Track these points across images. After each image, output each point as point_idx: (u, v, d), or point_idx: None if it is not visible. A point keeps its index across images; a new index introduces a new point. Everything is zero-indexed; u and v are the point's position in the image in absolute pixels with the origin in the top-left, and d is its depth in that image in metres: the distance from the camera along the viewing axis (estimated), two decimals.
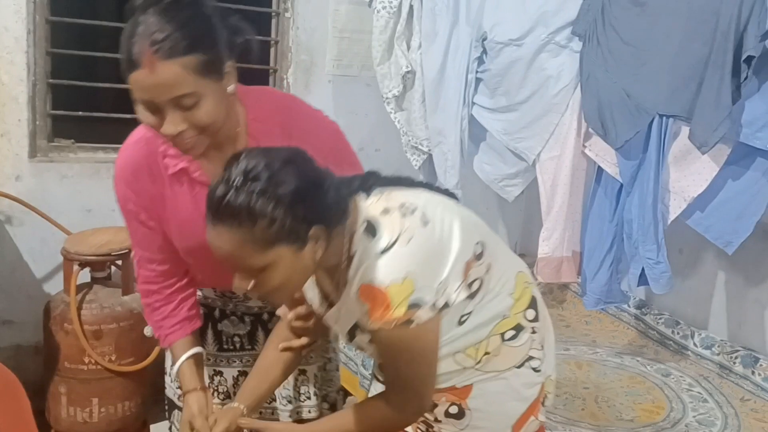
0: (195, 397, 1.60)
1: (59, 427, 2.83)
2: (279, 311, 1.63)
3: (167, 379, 1.88)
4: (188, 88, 1.30)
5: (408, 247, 1.28)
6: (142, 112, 1.35)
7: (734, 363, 2.79)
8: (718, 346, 2.87)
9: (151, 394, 2.91)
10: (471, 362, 1.47)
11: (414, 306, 1.27)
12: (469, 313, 1.41)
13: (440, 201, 1.43)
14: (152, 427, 2.70)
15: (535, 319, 1.53)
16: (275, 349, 1.61)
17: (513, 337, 1.48)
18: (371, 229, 1.31)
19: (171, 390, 1.87)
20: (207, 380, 1.79)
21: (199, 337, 1.73)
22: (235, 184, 1.22)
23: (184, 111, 1.32)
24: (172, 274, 1.67)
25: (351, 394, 2.57)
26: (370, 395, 1.62)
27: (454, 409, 1.50)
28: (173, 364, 1.67)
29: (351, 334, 1.45)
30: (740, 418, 2.48)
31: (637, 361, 2.91)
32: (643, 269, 2.59)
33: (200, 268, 1.69)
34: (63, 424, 2.80)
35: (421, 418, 1.54)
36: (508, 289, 1.47)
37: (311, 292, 1.53)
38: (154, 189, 1.55)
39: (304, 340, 1.60)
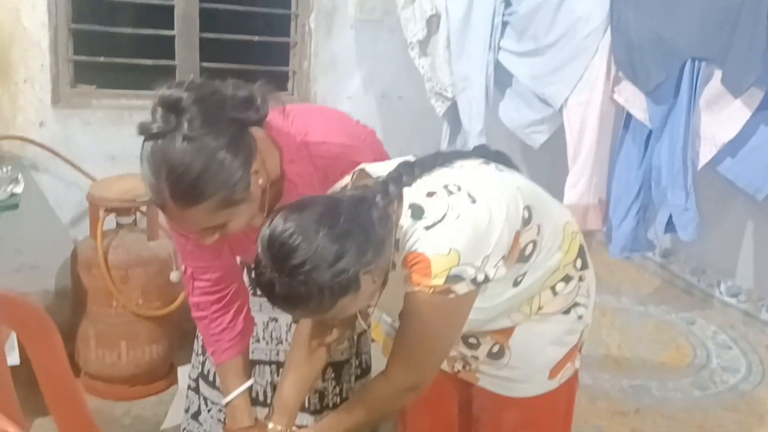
0: None
1: (88, 369, 2.88)
2: None
3: None
4: (216, 221, 1.32)
5: (456, 222, 1.28)
6: None
7: (760, 311, 2.77)
8: (745, 295, 2.86)
9: (177, 338, 2.95)
10: (524, 318, 1.48)
11: (454, 279, 1.27)
12: (524, 273, 1.41)
13: (480, 174, 1.41)
14: (179, 369, 2.73)
15: (583, 267, 1.53)
16: (303, 348, 1.58)
17: (562, 288, 1.49)
18: (417, 212, 1.30)
19: None
20: (261, 327, 1.81)
21: (249, 358, 1.72)
22: (274, 273, 1.21)
23: (216, 230, 1.35)
24: (228, 280, 1.65)
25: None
26: None
27: (496, 348, 1.51)
28: (224, 392, 1.66)
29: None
30: (765, 365, 2.48)
31: (662, 309, 2.91)
32: (670, 216, 2.56)
33: (249, 260, 1.70)
34: (92, 366, 2.85)
35: (460, 355, 1.55)
36: (558, 243, 1.46)
37: None
38: None
39: (335, 334, 1.58)
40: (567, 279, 1.49)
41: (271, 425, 1.55)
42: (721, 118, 2.42)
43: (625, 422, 2.08)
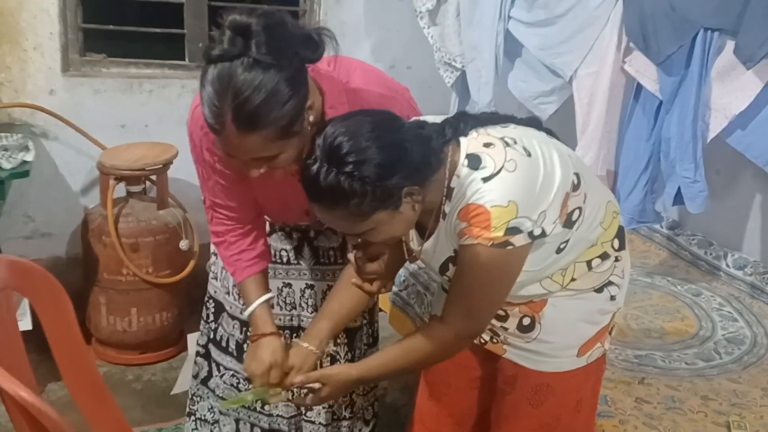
0: (269, 343, 1.60)
1: (99, 336, 2.93)
2: (349, 256, 1.63)
3: (214, 283, 1.92)
4: (269, 152, 1.33)
5: (514, 174, 1.30)
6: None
7: (766, 283, 2.77)
8: (751, 267, 2.85)
9: (187, 305, 2.99)
10: (557, 287, 1.48)
11: (513, 230, 1.29)
12: (567, 240, 1.42)
13: (534, 134, 1.43)
14: (189, 336, 2.76)
15: (620, 248, 1.53)
16: (345, 290, 1.61)
17: (598, 264, 1.49)
18: (474, 162, 1.33)
19: (220, 294, 1.91)
20: (276, 293, 1.84)
21: (268, 276, 1.74)
22: (323, 164, 1.26)
23: (265, 162, 1.36)
24: (246, 220, 1.68)
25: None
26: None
27: (526, 321, 1.52)
28: (245, 304, 1.68)
29: (444, 268, 1.46)
30: None
31: (668, 281, 2.90)
32: (679, 188, 2.55)
33: (272, 211, 1.75)
34: (103, 332, 2.90)
35: (488, 326, 1.55)
36: (599, 218, 1.48)
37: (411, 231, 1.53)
38: None
39: (376, 285, 1.60)
40: (604, 257, 1.50)
41: (305, 344, 1.58)
42: (733, 89, 2.40)
43: (629, 392, 2.09)
